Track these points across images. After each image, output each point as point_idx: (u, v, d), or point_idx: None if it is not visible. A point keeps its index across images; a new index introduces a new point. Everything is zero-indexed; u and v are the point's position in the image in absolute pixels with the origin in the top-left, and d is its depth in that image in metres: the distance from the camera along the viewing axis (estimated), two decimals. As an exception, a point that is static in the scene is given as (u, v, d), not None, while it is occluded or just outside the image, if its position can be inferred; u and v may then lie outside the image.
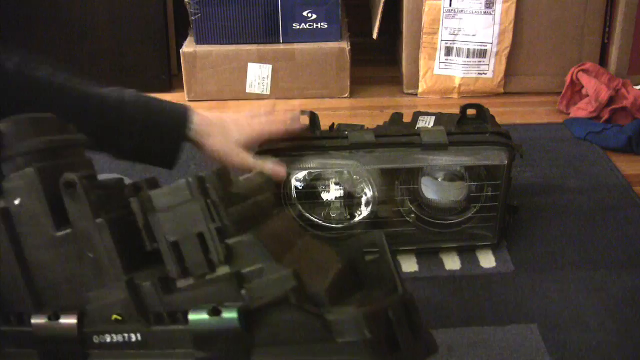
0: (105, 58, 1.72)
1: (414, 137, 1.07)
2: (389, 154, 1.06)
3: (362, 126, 1.15)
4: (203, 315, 0.46)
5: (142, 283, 0.48)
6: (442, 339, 0.96)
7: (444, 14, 1.64)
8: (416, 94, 1.73)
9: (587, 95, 1.58)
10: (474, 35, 1.65)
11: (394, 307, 0.48)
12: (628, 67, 1.69)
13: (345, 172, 1.09)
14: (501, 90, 1.71)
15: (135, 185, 0.53)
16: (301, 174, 1.08)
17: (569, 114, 1.61)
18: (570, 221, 1.22)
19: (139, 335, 0.48)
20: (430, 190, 1.11)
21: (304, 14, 1.66)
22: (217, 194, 0.48)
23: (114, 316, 0.48)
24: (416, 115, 1.22)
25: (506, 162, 1.06)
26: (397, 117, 1.24)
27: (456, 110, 1.18)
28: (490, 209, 1.11)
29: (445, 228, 1.12)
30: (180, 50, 1.68)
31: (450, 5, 1.63)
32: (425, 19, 1.65)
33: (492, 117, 1.17)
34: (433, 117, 1.20)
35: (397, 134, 1.09)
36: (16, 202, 0.49)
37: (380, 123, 1.21)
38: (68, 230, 0.49)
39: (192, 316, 0.46)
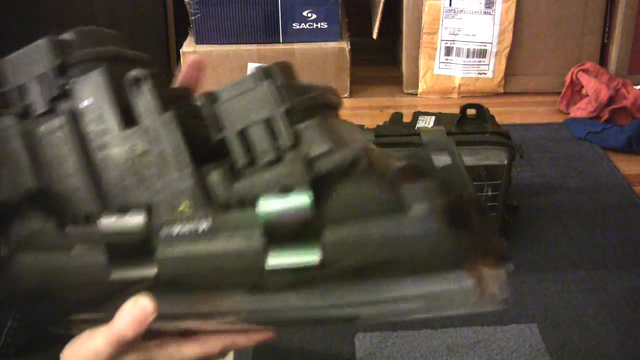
0: (105, 58, 1.72)
1: (414, 137, 1.07)
2: (389, 154, 1.06)
3: (362, 126, 1.15)
4: (272, 198, 0.45)
5: (209, 172, 0.46)
6: (442, 339, 0.96)
7: (444, 14, 1.64)
8: (416, 94, 1.73)
9: (587, 95, 1.58)
10: (474, 35, 1.65)
11: (468, 196, 0.47)
12: (628, 67, 1.69)
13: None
14: (501, 90, 1.71)
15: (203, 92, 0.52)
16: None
17: (569, 114, 1.61)
18: (570, 221, 1.22)
19: (207, 222, 0.46)
20: (430, 190, 1.11)
21: (304, 14, 1.66)
22: (282, 80, 0.47)
23: (182, 206, 0.46)
24: (416, 115, 1.22)
25: (506, 162, 1.06)
26: (397, 117, 1.24)
27: (456, 110, 1.18)
28: (490, 209, 1.11)
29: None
30: (180, 50, 1.68)
31: (450, 5, 1.63)
32: (425, 19, 1.65)
33: (492, 117, 1.17)
34: (433, 117, 1.20)
35: (397, 134, 1.09)
36: (85, 103, 0.49)
37: (380, 123, 1.21)
38: (135, 128, 0.48)
39: (261, 200, 0.45)
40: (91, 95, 0.49)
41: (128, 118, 0.49)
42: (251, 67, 1.68)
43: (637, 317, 0.99)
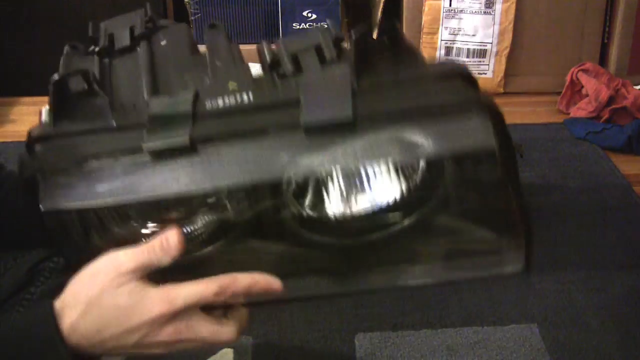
0: (105, 58, 1.72)
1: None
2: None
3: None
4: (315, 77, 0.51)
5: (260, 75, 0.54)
6: (442, 339, 0.96)
7: (444, 14, 1.64)
8: (416, 94, 1.73)
9: (587, 95, 1.58)
10: (474, 35, 1.65)
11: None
12: (628, 67, 1.69)
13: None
14: (501, 90, 1.71)
15: None
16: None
17: (569, 114, 1.61)
18: (570, 221, 1.22)
19: (250, 95, 0.51)
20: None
21: (304, 14, 1.66)
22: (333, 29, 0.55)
23: (230, 86, 0.52)
24: (416, 115, 1.22)
25: (506, 162, 1.06)
26: (397, 117, 1.24)
27: (456, 110, 1.18)
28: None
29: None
30: (180, 50, 1.68)
31: (450, 5, 1.63)
32: (425, 19, 1.65)
33: (492, 117, 1.17)
34: (433, 117, 1.20)
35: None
36: (163, 42, 0.60)
37: (380, 123, 1.21)
38: (203, 54, 0.58)
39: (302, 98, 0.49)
40: (169, 37, 0.60)
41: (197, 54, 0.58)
42: (251, 67, 1.68)
43: (637, 317, 0.99)
